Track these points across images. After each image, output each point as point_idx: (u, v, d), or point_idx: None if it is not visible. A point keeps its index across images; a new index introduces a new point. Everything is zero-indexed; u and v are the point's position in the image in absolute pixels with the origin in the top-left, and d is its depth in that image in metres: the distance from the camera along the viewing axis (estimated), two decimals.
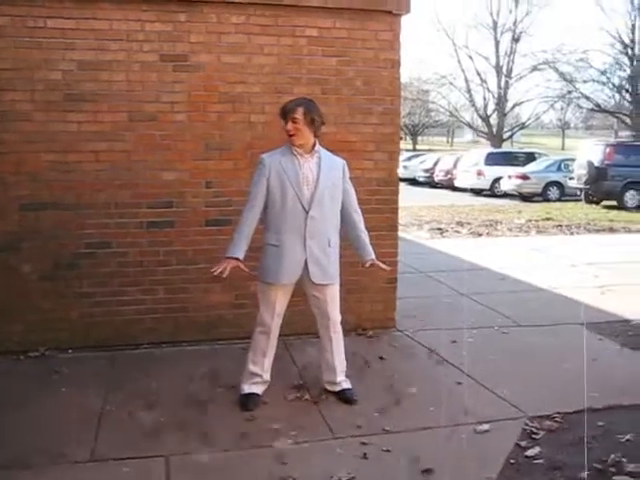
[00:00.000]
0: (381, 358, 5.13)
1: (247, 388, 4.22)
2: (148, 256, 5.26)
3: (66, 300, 5.16)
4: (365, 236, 4.28)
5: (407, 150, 40.95)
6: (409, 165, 31.36)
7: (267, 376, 4.27)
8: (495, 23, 41.23)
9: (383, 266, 4.30)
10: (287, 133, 4.01)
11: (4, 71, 4.92)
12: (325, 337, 4.30)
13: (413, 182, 30.03)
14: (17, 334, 5.08)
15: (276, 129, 5.31)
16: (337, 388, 4.34)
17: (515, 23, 40.78)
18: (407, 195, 11.73)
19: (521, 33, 41.07)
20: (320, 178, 4.02)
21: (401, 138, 6.27)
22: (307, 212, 3.99)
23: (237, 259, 3.95)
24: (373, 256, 4.26)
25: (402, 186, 6.12)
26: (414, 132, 60.26)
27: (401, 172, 6.12)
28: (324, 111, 5.38)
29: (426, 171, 30.26)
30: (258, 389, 4.23)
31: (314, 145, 4.09)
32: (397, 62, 5.62)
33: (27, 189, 5.02)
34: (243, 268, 3.97)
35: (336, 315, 4.27)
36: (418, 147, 55.36)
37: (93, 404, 4.16)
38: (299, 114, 3.96)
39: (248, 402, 4.15)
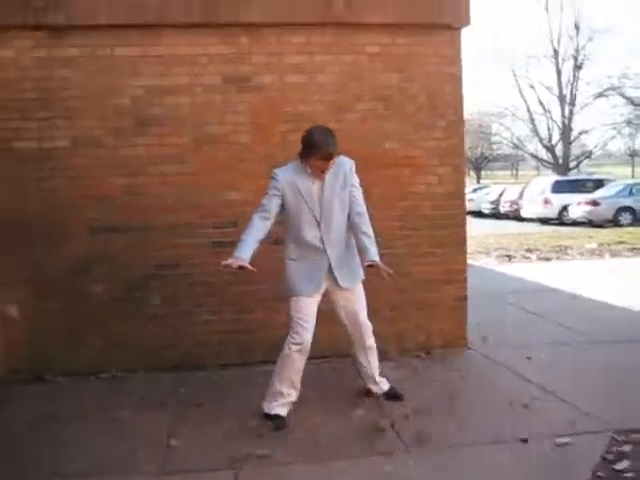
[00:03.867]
0: (455, 376, 4.97)
1: (278, 409, 4.08)
2: (215, 276, 5.27)
3: (136, 322, 5.21)
4: (367, 237, 4.07)
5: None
6: (474, 197, 30.94)
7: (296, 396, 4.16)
8: (556, 51, 40.62)
9: (385, 268, 3.98)
10: (319, 168, 3.94)
11: (76, 99, 5.09)
12: (359, 345, 4.27)
13: (479, 214, 29.58)
14: (88, 356, 5.14)
15: (339, 147, 5.30)
16: (385, 387, 4.42)
17: (577, 50, 40.10)
18: (473, 226, 11.51)
19: (584, 60, 40.36)
20: (325, 186, 4.01)
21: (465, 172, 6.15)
22: (320, 223, 4.02)
23: (243, 260, 3.83)
24: (375, 258, 4.01)
25: (468, 218, 5.98)
26: (477, 166, 59.64)
27: (467, 204, 5.97)
28: (387, 127, 5.43)
29: (491, 202, 29.80)
30: (284, 410, 4.09)
31: None
32: (459, 76, 5.55)
33: (97, 212, 5.13)
34: (251, 269, 3.84)
35: (367, 320, 4.23)
36: (482, 182, 54.62)
37: (163, 423, 4.15)
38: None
39: (280, 423, 4.01)
